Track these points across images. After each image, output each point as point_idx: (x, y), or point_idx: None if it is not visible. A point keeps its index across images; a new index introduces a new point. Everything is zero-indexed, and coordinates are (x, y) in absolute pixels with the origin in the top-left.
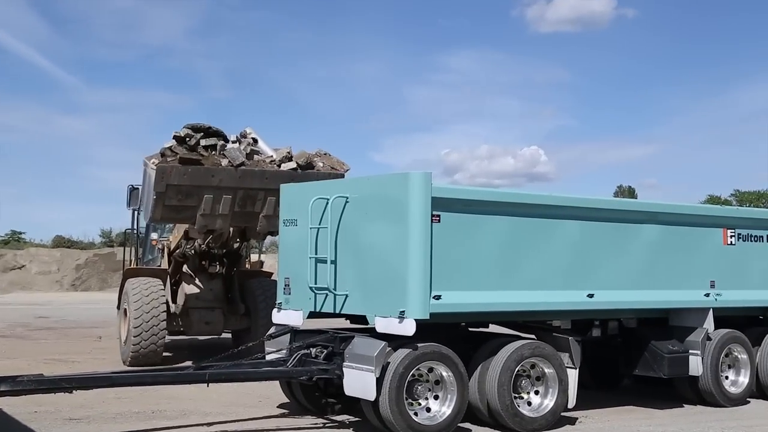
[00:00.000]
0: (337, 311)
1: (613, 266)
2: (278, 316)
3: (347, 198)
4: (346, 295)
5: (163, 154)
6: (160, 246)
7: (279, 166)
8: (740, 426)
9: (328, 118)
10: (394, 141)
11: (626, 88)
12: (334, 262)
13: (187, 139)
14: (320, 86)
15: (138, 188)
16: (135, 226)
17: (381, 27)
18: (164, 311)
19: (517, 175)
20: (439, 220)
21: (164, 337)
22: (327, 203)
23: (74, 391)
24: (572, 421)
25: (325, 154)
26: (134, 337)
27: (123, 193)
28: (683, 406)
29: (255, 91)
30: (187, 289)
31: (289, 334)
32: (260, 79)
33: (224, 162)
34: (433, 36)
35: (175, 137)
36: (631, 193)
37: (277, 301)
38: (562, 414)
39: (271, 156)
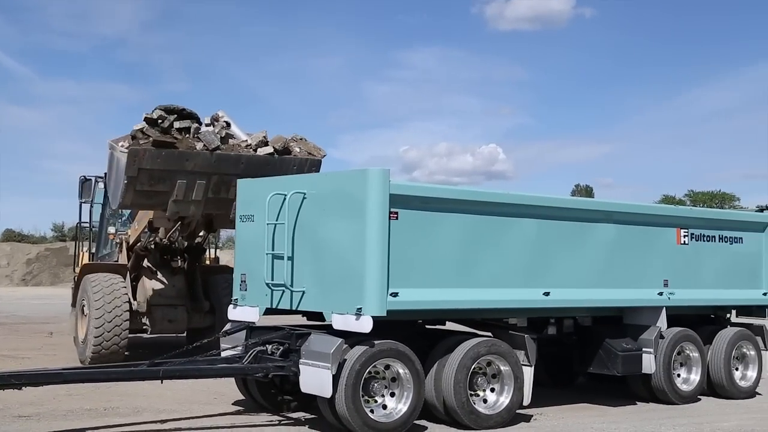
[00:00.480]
0: (294, 308)
1: (569, 265)
2: (234, 313)
3: (305, 194)
4: (303, 292)
5: (134, 137)
6: (117, 240)
7: (255, 150)
8: (691, 423)
9: (286, 113)
10: (353, 137)
11: (584, 88)
12: (291, 258)
13: (160, 121)
14: (278, 81)
15: (90, 179)
16: (89, 219)
17: (340, 22)
18: (127, 309)
19: (475, 173)
20: (397, 217)
21: (127, 337)
22: (284, 199)
23: (24, 388)
24: (527, 418)
25: (301, 139)
26: (95, 337)
27: (75, 186)
28: (636, 404)
29: (212, 84)
30: (149, 285)
31: (245, 331)
32: (217, 72)
33: (199, 146)
34: (393, 32)
35: (146, 119)
36: (588, 192)
37: (233, 297)
38: (518, 411)
39: (246, 140)
